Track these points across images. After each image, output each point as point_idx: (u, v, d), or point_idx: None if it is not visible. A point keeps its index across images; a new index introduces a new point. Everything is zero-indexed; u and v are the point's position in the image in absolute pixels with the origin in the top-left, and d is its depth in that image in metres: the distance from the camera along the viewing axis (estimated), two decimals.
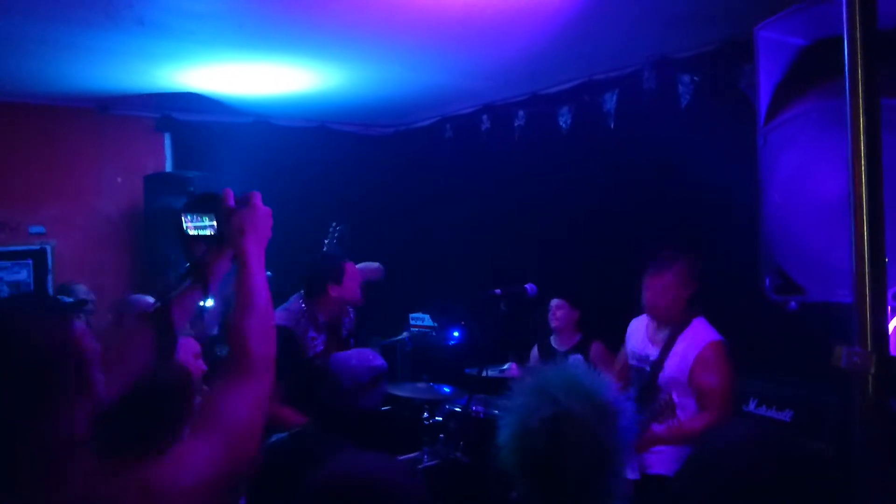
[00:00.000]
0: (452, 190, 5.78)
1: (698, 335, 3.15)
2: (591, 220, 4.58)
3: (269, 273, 4.51)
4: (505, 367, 4.19)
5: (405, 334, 4.67)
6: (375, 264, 4.47)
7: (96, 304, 4.29)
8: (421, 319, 5.58)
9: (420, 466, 3.63)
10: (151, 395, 1.75)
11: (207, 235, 1.62)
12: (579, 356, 4.02)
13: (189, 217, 1.62)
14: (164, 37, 3.55)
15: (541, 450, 1.51)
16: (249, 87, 4.70)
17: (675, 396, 3.17)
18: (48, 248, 4.99)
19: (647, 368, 3.28)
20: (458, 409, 3.90)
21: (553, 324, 4.25)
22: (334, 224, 4.43)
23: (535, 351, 4.42)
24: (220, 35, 3.57)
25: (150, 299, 3.51)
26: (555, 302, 4.26)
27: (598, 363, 3.84)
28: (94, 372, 1.18)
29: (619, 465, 1.56)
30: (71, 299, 3.80)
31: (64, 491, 1.10)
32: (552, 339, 4.31)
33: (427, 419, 4.09)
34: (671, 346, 3.18)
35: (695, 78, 3.89)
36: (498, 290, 3.82)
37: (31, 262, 4.93)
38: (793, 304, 2.04)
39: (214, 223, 1.61)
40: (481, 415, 3.78)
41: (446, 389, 4.27)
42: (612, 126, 4.38)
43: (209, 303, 4.05)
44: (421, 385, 4.31)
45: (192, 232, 1.62)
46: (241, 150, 5.25)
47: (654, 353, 3.27)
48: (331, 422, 2.31)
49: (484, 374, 3.81)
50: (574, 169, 4.70)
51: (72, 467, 1.12)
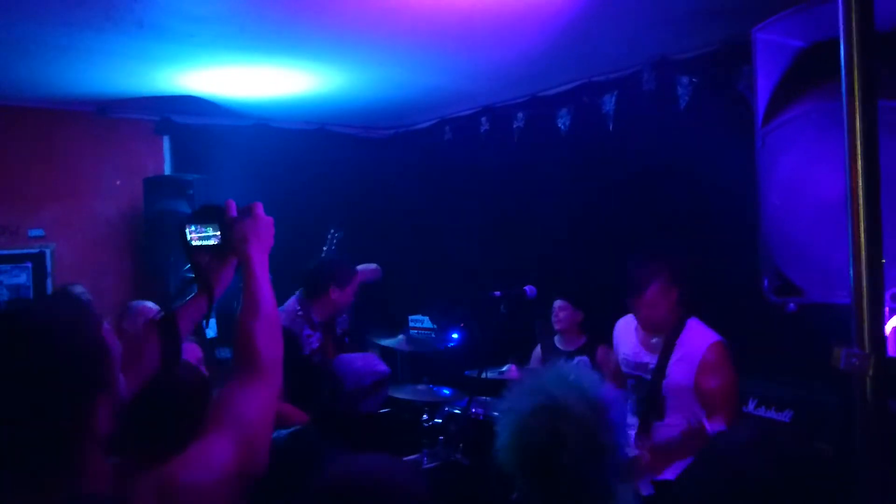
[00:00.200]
0: (452, 192, 5.77)
1: (697, 337, 3.02)
2: (590, 222, 4.58)
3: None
4: (504, 368, 4.19)
5: (404, 336, 4.66)
6: (373, 266, 4.51)
7: (95, 306, 4.29)
8: (420, 321, 5.58)
9: (420, 469, 3.63)
10: (168, 397, 1.78)
11: (211, 245, 1.65)
12: (585, 358, 4.01)
13: (192, 228, 1.65)
14: (163, 39, 3.55)
15: (541, 449, 1.52)
16: (249, 90, 4.70)
17: (686, 407, 2.99)
18: (47, 252, 4.98)
19: (646, 377, 3.14)
20: (457, 412, 3.91)
21: (556, 325, 4.25)
22: (332, 231, 4.44)
23: (537, 350, 4.42)
24: (220, 38, 3.57)
25: (151, 304, 3.51)
26: (558, 303, 4.26)
27: (604, 367, 3.83)
28: (117, 372, 1.21)
29: (617, 463, 1.56)
30: None
31: (83, 487, 1.12)
32: (557, 339, 4.31)
33: (427, 421, 4.09)
34: (670, 352, 3.04)
35: (694, 79, 3.89)
36: (497, 293, 3.83)
37: (30, 265, 4.92)
38: (792, 305, 2.04)
39: (218, 233, 1.64)
40: (481, 417, 3.78)
41: (446, 391, 4.28)
42: (611, 127, 4.38)
43: None
44: (421, 387, 4.32)
45: (195, 242, 1.65)
46: (240, 152, 5.26)
47: (650, 360, 3.13)
48: (330, 423, 2.31)
49: (483, 376, 3.81)
50: (573, 170, 4.70)
51: (92, 464, 1.14)
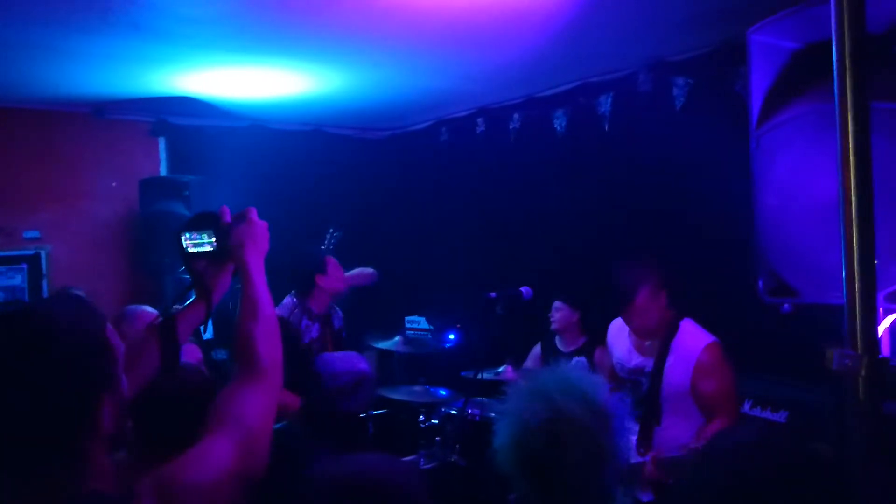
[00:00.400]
0: (448, 193, 5.78)
1: (692, 340, 2.98)
2: (586, 222, 4.58)
3: None
4: (500, 369, 4.20)
5: (401, 337, 4.67)
6: (369, 270, 4.53)
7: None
8: (417, 322, 5.58)
9: (418, 468, 3.64)
10: (173, 397, 1.78)
11: (207, 252, 1.66)
12: (583, 359, 4.03)
13: (188, 235, 1.66)
14: (159, 41, 3.54)
15: (540, 451, 1.51)
16: (245, 91, 4.70)
17: (684, 411, 2.98)
18: (43, 253, 4.97)
19: (642, 380, 3.10)
20: (454, 412, 3.91)
21: (552, 325, 4.26)
22: (331, 230, 4.45)
23: (536, 349, 4.42)
24: (216, 39, 3.57)
25: (150, 309, 3.52)
26: (555, 304, 4.27)
27: (601, 368, 3.84)
28: (120, 372, 1.22)
29: (617, 467, 1.56)
30: None
31: (87, 486, 1.13)
32: (557, 339, 4.32)
33: (423, 422, 4.10)
34: (665, 356, 3.00)
35: (689, 80, 3.90)
36: (493, 294, 3.84)
37: (25, 266, 4.91)
38: (786, 306, 2.05)
39: (213, 240, 1.65)
40: (477, 417, 3.79)
41: (442, 392, 4.28)
42: (606, 128, 4.39)
43: None
44: (417, 388, 4.32)
45: (191, 250, 1.66)
46: (236, 153, 5.26)
47: (646, 363, 3.09)
48: (313, 422, 2.30)
49: (480, 377, 3.82)
50: (569, 171, 4.70)
51: (96, 463, 1.15)
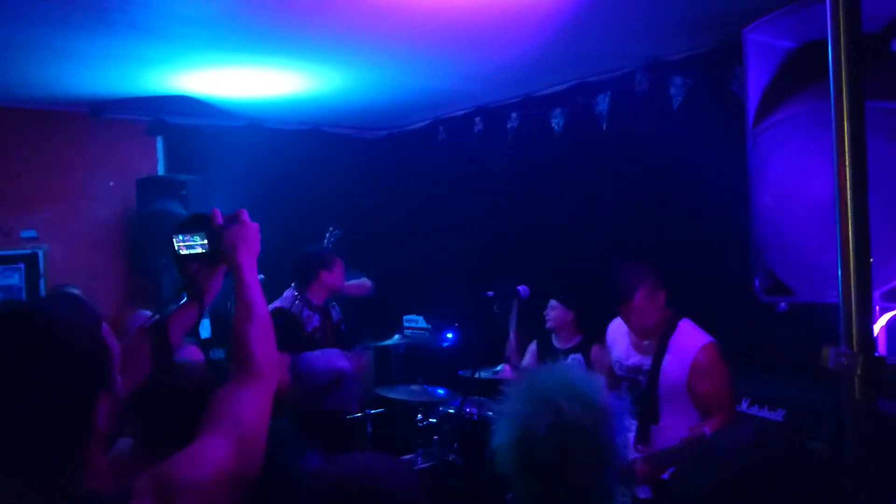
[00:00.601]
0: (446, 192, 5.78)
1: (689, 339, 3.01)
2: (584, 221, 4.59)
3: (262, 276, 4.49)
4: (498, 368, 4.20)
5: (399, 336, 4.67)
6: (367, 283, 4.57)
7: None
8: (415, 321, 5.58)
9: (414, 468, 3.64)
10: (176, 393, 1.78)
11: (199, 254, 1.67)
12: (579, 356, 4.03)
13: (180, 238, 1.67)
14: (156, 40, 3.54)
15: (546, 458, 1.50)
16: (242, 90, 4.70)
17: (681, 409, 3.00)
18: (40, 253, 4.96)
19: (640, 379, 3.14)
20: (452, 411, 3.91)
21: (548, 324, 4.26)
22: (332, 228, 4.46)
23: (533, 346, 4.43)
24: (213, 38, 3.56)
25: (149, 313, 3.54)
26: (551, 302, 4.28)
27: (597, 365, 3.85)
28: (115, 372, 1.23)
29: (618, 467, 1.57)
30: None
31: (84, 485, 1.13)
32: (553, 337, 4.32)
33: (421, 421, 4.10)
34: (663, 354, 3.03)
35: (687, 80, 3.90)
36: (491, 293, 3.84)
37: (22, 266, 4.90)
38: (783, 305, 2.05)
39: (205, 241, 1.66)
40: (475, 416, 3.79)
41: (440, 391, 4.28)
42: (604, 128, 4.39)
43: None
44: (415, 387, 4.32)
45: (184, 252, 1.67)
46: (233, 153, 5.25)
47: (644, 362, 3.12)
48: (295, 420, 2.30)
49: (477, 375, 3.82)
50: (567, 170, 4.71)
51: (93, 462, 1.16)
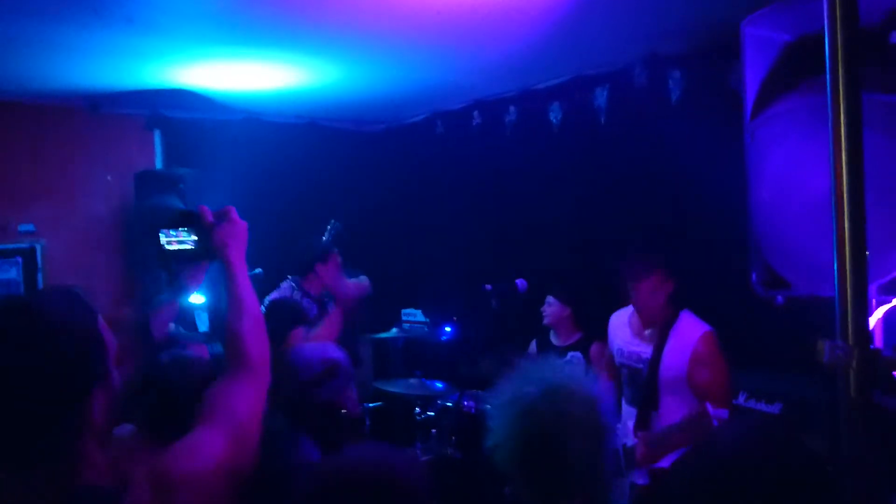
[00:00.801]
0: (444, 186, 5.77)
1: (689, 329, 3.12)
2: (582, 215, 4.59)
3: (260, 270, 4.47)
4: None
5: (397, 329, 4.68)
6: (365, 282, 4.52)
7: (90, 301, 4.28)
8: (413, 315, 5.59)
9: (419, 459, 3.64)
10: (170, 387, 1.79)
11: (186, 250, 1.68)
12: (578, 354, 4.01)
13: (167, 233, 1.67)
14: (153, 34, 3.53)
15: (547, 430, 1.51)
16: (239, 84, 4.68)
17: (680, 397, 3.09)
18: (38, 247, 4.96)
19: (641, 367, 3.22)
20: (450, 405, 3.92)
21: (544, 320, 4.26)
22: (333, 221, 4.44)
23: (533, 345, 4.43)
24: (210, 32, 3.55)
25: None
26: (548, 298, 4.27)
27: (597, 363, 3.84)
28: (112, 366, 1.24)
29: (613, 450, 1.60)
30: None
31: (82, 479, 1.14)
32: (551, 335, 4.31)
33: (419, 415, 4.11)
34: (664, 343, 3.13)
35: (685, 74, 3.90)
36: (489, 286, 3.84)
37: (20, 260, 4.89)
38: (779, 298, 2.06)
39: (192, 237, 1.66)
40: (473, 410, 3.80)
41: (438, 385, 4.29)
42: (602, 121, 4.39)
43: (200, 299, 4.05)
44: (413, 381, 4.33)
45: (171, 247, 1.68)
46: (231, 146, 5.24)
47: (645, 351, 3.21)
48: (289, 413, 2.30)
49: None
50: (565, 164, 4.70)
51: (90, 456, 1.17)
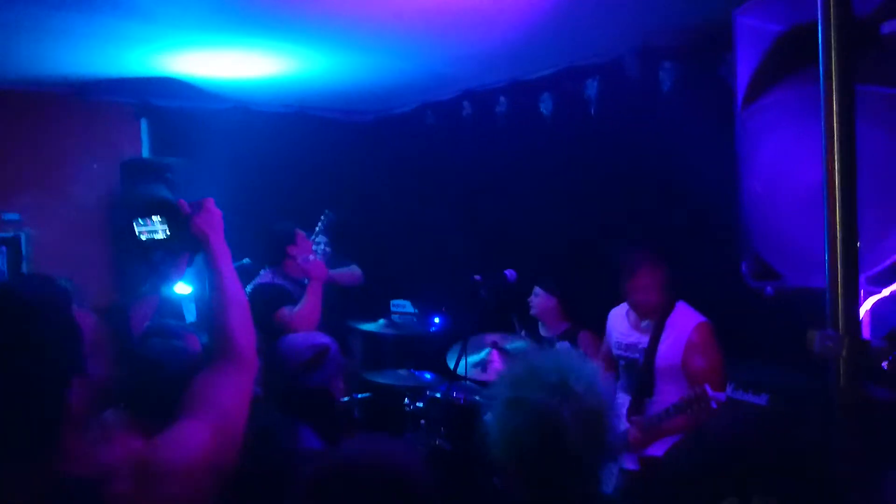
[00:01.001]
0: (433, 176, 5.75)
1: (684, 318, 3.22)
2: (573, 206, 4.58)
3: (248, 260, 4.44)
4: (483, 354, 4.20)
5: (386, 320, 4.66)
6: (357, 272, 4.49)
7: (78, 293, 4.25)
8: (402, 306, 5.57)
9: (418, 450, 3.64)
10: (156, 378, 1.77)
11: (160, 240, 1.65)
12: (567, 344, 4.03)
13: (140, 223, 1.64)
14: (139, 20, 3.48)
15: (572, 444, 1.50)
16: (227, 72, 4.64)
17: (675, 384, 3.16)
18: (22, 236, 4.91)
19: (637, 357, 3.30)
20: (439, 396, 3.91)
21: (531, 311, 4.26)
22: (326, 211, 4.41)
23: (522, 335, 4.43)
24: (198, 19, 3.51)
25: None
26: (535, 289, 4.27)
27: (587, 353, 3.85)
28: (88, 353, 1.23)
29: (613, 443, 1.61)
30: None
31: (61, 466, 1.14)
32: (539, 326, 4.31)
33: (408, 406, 4.10)
34: (660, 333, 3.23)
35: (677, 64, 3.89)
36: (478, 277, 3.83)
37: (5, 249, 4.85)
38: (769, 289, 2.05)
39: (165, 227, 1.63)
40: (462, 401, 3.79)
41: (427, 376, 4.28)
42: (593, 112, 4.37)
43: (187, 289, 4.03)
44: (402, 372, 4.32)
45: (144, 237, 1.64)
46: (219, 135, 5.20)
47: (642, 340, 3.29)
48: (280, 400, 2.31)
49: (464, 361, 3.82)
50: (556, 155, 4.69)
51: (71, 446, 1.17)
